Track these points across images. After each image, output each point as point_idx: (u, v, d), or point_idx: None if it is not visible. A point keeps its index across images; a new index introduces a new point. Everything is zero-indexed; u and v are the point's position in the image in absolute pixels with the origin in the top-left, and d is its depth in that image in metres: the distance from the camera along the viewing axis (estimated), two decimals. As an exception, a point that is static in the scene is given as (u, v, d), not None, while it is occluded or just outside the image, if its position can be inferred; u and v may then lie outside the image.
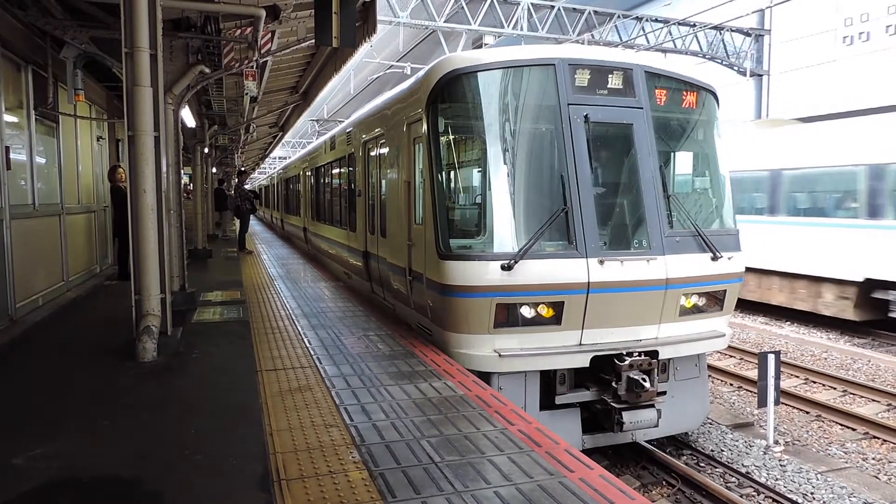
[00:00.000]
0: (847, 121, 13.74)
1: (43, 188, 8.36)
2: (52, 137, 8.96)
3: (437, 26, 19.25)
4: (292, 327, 7.25)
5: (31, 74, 7.89)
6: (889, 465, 7.07)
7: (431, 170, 6.09)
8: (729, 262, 6.38)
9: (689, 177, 7.24)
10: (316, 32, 7.20)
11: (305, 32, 9.33)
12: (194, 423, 4.25)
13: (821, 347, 11.88)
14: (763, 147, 14.90)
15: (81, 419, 4.36)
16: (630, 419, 5.83)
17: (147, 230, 5.66)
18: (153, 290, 5.73)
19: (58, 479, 3.42)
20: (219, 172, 26.93)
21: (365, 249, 9.09)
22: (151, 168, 5.65)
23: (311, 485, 3.35)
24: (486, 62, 6.08)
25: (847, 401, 9.11)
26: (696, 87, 6.68)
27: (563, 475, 3.51)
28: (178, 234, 8.28)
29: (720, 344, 6.73)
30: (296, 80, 15.87)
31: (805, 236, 13.59)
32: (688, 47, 21.74)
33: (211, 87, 11.94)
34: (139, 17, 5.46)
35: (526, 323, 5.77)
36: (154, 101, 5.65)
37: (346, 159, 10.64)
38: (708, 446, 7.19)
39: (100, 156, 11.84)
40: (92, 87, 10.32)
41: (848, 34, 19.82)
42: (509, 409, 4.61)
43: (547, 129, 6.18)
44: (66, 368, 5.65)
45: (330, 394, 4.88)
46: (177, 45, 7.83)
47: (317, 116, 35.21)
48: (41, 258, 8.26)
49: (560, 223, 5.84)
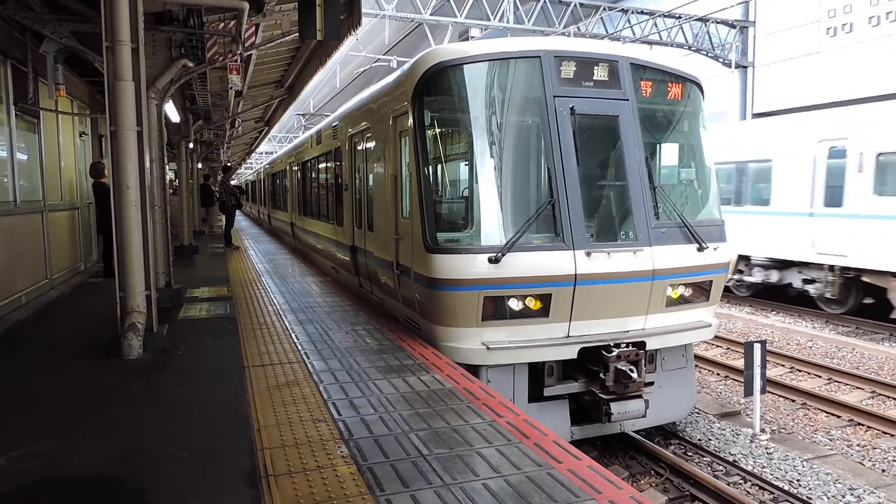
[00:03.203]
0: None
1: (25, 185, 8.25)
2: (34, 133, 8.84)
3: (423, 19, 19.18)
4: (280, 323, 7.22)
5: (11, 69, 7.77)
6: (873, 452, 7.16)
7: (418, 163, 6.07)
8: (715, 253, 6.42)
9: (674, 168, 7.27)
10: (300, 25, 7.14)
11: (290, 25, 9.24)
12: (181, 420, 4.22)
13: (806, 336, 12.00)
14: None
15: (65, 418, 4.32)
16: (618, 410, 5.86)
17: (131, 226, 5.61)
18: (138, 287, 5.68)
19: (41, 479, 3.39)
20: (204, 168, 26.73)
21: (352, 244, 9.06)
22: (135, 164, 5.59)
23: (300, 480, 3.34)
24: (471, 55, 6.06)
25: (832, 388, 9.21)
26: (681, 78, 6.70)
27: (552, 466, 3.52)
28: (164, 230, 8.20)
29: (707, 334, 6.78)
30: (281, 74, 15.76)
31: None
32: (673, 39, 21.79)
33: (195, 82, 11.82)
34: (120, 11, 5.38)
35: (514, 315, 5.77)
36: (136, 95, 5.58)
37: (333, 154, 10.58)
38: (695, 436, 7.25)
39: (83, 152, 11.70)
40: (73, 82, 10.19)
41: (831, 25, 19.94)
42: (498, 401, 4.61)
43: (533, 122, 6.18)
44: (49, 367, 5.59)
45: (318, 389, 4.86)
46: (159, 39, 7.72)
47: (303, 111, 34.99)
48: (24, 256, 8.16)
49: (547, 216, 5.85)
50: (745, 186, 15.18)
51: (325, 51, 12.13)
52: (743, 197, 15.19)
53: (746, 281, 15.28)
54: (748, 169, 15.11)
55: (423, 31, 20.78)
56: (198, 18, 7.80)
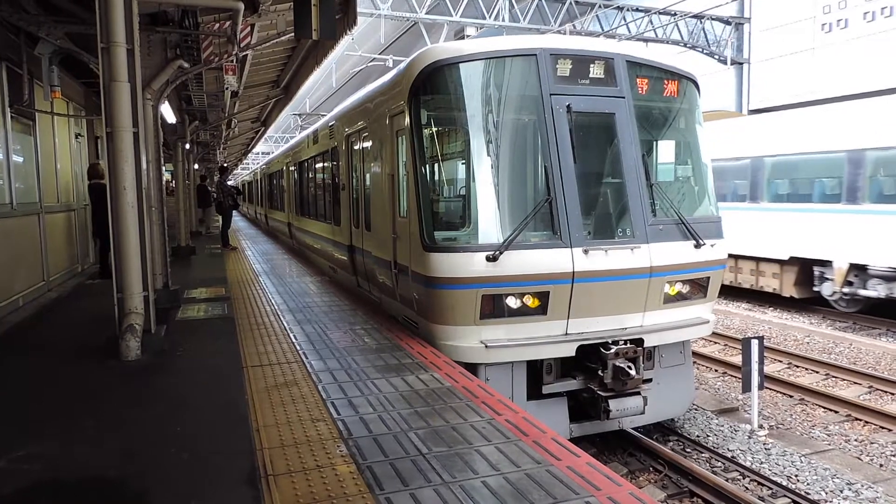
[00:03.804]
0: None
1: (21, 187, 8.23)
2: (29, 135, 8.82)
3: (418, 18, 19.17)
4: (278, 323, 7.21)
5: (6, 71, 7.75)
6: (871, 447, 7.19)
7: (415, 162, 6.07)
8: (712, 249, 6.43)
9: (671, 165, 7.28)
10: (295, 25, 7.14)
11: (285, 25, 9.23)
12: (180, 420, 4.22)
13: (803, 332, 12.03)
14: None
15: (64, 419, 4.31)
16: (616, 407, 5.87)
17: (128, 228, 5.60)
18: (135, 288, 5.67)
19: (40, 481, 3.39)
20: (201, 169, 26.68)
21: (350, 243, 9.05)
22: (131, 165, 5.58)
23: (299, 479, 3.34)
24: (467, 53, 6.06)
25: (829, 384, 9.24)
26: (677, 75, 6.71)
27: (551, 463, 3.52)
28: (161, 231, 8.19)
29: (704, 330, 6.79)
30: (277, 74, 15.74)
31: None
32: (668, 36, 21.82)
33: (191, 83, 11.79)
34: (115, 12, 5.37)
35: (512, 313, 5.78)
36: (132, 96, 5.57)
37: (330, 153, 10.58)
38: (694, 432, 7.26)
39: (79, 153, 11.68)
40: (69, 84, 10.16)
41: (826, 22, 19.97)
42: (496, 399, 4.62)
43: (529, 120, 6.18)
44: (48, 368, 5.59)
45: (316, 388, 4.86)
46: (154, 40, 7.71)
47: (299, 111, 34.95)
48: (20, 258, 8.15)
49: (544, 213, 5.85)
50: (861, 180, 12.18)
51: (321, 50, 12.12)
52: (859, 194, 12.18)
53: (861, 295, 12.55)
54: (865, 159, 12.06)
55: (418, 30, 20.76)
56: (193, 19, 7.79)
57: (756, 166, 14.52)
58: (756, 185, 14.53)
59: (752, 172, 14.60)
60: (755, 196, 14.55)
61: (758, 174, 14.47)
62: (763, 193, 14.38)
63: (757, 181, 14.50)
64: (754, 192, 14.57)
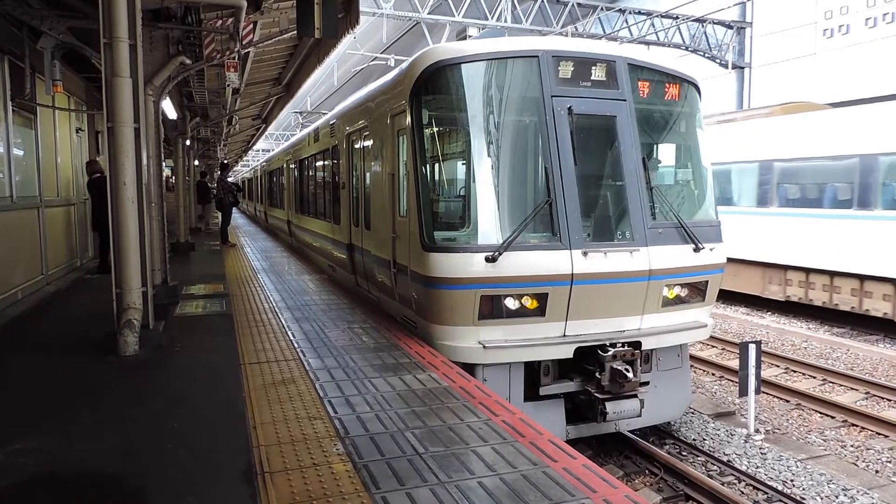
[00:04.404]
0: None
1: (21, 180, 8.23)
2: (30, 129, 8.82)
3: (420, 18, 19.18)
4: (276, 320, 7.22)
5: (8, 65, 7.76)
6: (867, 452, 7.20)
7: (415, 162, 6.08)
8: (711, 253, 6.44)
9: (671, 168, 7.29)
10: (298, 23, 7.15)
11: (288, 23, 9.24)
12: (177, 417, 4.22)
13: (801, 337, 12.04)
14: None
15: (62, 414, 4.31)
16: (613, 409, 5.87)
17: (127, 223, 5.60)
18: (134, 284, 5.68)
19: (38, 475, 3.39)
20: (201, 165, 26.67)
21: (349, 242, 9.06)
22: (131, 160, 5.58)
23: (295, 477, 3.34)
24: (469, 54, 6.07)
25: (826, 389, 9.25)
26: (678, 79, 6.71)
27: (547, 465, 3.53)
28: (160, 226, 8.20)
29: (702, 334, 6.80)
30: (278, 71, 15.74)
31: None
32: (670, 40, 21.85)
33: (192, 79, 11.81)
34: (117, 7, 5.38)
35: (510, 314, 5.78)
36: (133, 92, 5.57)
37: (330, 151, 10.58)
38: (690, 435, 7.27)
39: (79, 148, 11.68)
40: (71, 79, 10.16)
41: (828, 27, 20.00)
42: (493, 400, 4.62)
43: (530, 121, 6.19)
44: (46, 363, 5.59)
45: (314, 386, 4.86)
46: (157, 36, 7.72)
47: (300, 108, 34.97)
48: (20, 251, 8.15)
49: (544, 215, 5.86)
50: None
51: (323, 48, 12.12)
52: None
53: None
54: None
55: (420, 29, 20.80)
56: (195, 15, 7.81)
57: (868, 166, 11.96)
58: (867, 189, 12.00)
59: (862, 174, 12.07)
60: (865, 202, 12.04)
61: (870, 176, 11.94)
62: (877, 199, 11.86)
63: (868, 184, 11.98)
64: (864, 196, 12.06)
